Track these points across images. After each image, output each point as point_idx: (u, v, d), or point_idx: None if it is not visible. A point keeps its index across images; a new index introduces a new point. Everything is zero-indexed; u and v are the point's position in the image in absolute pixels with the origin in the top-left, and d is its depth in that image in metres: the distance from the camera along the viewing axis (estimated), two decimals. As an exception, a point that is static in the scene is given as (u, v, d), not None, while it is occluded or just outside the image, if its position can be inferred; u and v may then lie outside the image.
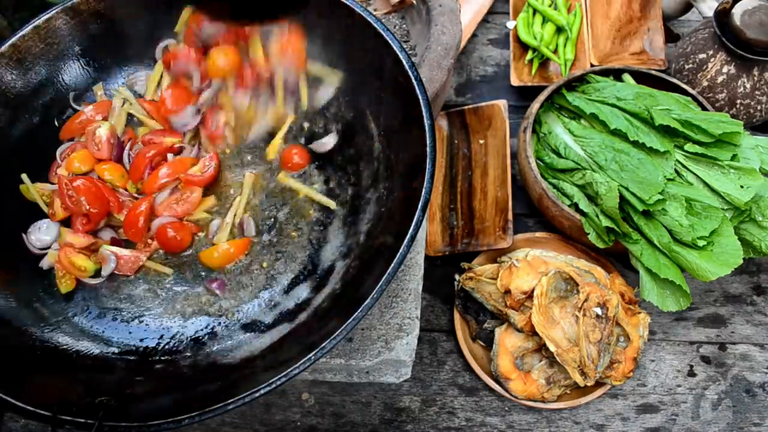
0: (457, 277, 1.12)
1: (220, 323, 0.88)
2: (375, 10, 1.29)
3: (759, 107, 1.19)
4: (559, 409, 1.05)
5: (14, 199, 0.92)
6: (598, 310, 0.99)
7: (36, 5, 1.07)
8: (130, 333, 0.87)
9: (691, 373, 1.11)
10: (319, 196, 0.94)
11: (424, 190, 0.76)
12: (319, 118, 0.99)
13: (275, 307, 0.89)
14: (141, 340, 0.86)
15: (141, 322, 0.89)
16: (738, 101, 1.18)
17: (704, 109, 1.13)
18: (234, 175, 0.97)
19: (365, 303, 0.70)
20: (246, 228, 0.93)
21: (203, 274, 0.91)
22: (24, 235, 0.90)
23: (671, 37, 1.47)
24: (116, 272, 0.90)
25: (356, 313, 0.69)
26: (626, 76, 1.20)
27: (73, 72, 0.99)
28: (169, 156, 0.95)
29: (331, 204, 0.93)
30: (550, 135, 1.16)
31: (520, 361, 1.04)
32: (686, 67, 1.23)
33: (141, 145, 0.96)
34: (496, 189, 1.19)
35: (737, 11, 1.13)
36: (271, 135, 0.98)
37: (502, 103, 1.27)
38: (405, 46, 1.18)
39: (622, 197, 1.01)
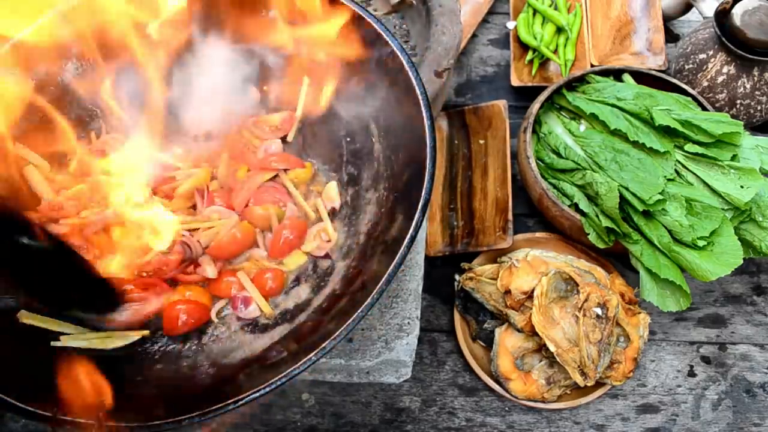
0: (457, 277, 1.12)
1: (220, 324, 0.88)
2: (375, 10, 1.29)
3: (759, 107, 1.19)
4: (559, 409, 1.05)
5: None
6: (598, 311, 0.99)
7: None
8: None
9: (691, 373, 1.11)
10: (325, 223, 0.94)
11: (424, 190, 0.76)
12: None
13: (275, 307, 0.89)
14: (142, 340, 0.86)
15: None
16: (738, 101, 1.18)
17: (704, 109, 1.13)
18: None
19: (365, 303, 0.70)
20: None
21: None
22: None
23: (671, 37, 1.47)
24: None
25: (356, 314, 0.69)
26: (626, 76, 1.20)
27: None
28: None
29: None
30: (550, 135, 1.16)
31: (520, 361, 1.04)
32: (686, 67, 1.23)
33: None
34: (496, 189, 1.19)
35: (737, 11, 1.13)
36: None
37: (502, 104, 1.27)
38: (405, 46, 1.18)
39: (622, 197, 1.01)
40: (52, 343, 0.81)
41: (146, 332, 0.86)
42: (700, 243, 0.96)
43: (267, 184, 0.97)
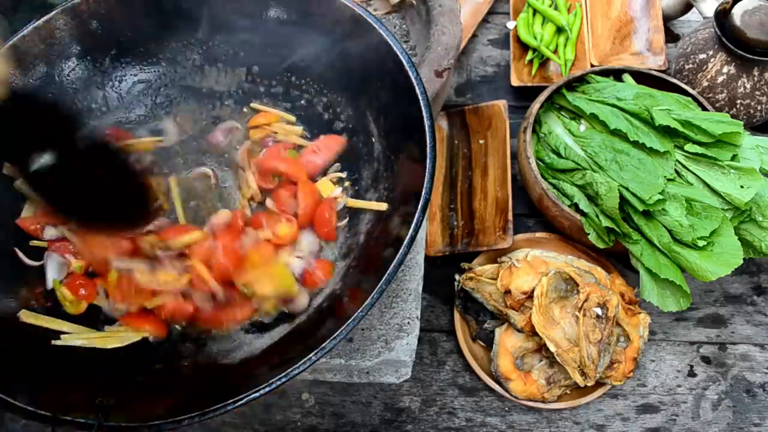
0: (457, 277, 1.12)
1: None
2: (375, 10, 1.29)
3: (759, 107, 1.19)
4: (560, 409, 1.05)
5: (11, 197, 0.92)
6: (598, 310, 0.99)
7: (36, 6, 1.07)
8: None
9: (692, 373, 1.11)
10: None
11: (424, 190, 0.76)
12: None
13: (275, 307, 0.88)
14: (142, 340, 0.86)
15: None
16: (738, 101, 1.18)
17: (704, 109, 1.13)
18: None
19: (365, 303, 0.70)
20: None
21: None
22: (17, 249, 0.90)
23: (671, 37, 1.47)
24: None
25: (356, 313, 0.69)
26: (626, 76, 1.20)
27: (73, 72, 0.99)
28: None
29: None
30: (550, 135, 1.16)
31: (520, 361, 1.04)
32: (686, 67, 1.23)
33: None
34: (496, 189, 1.19)
35: (737, 11, 1.13)
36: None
37: (502, 103, 1.27)
38: (405, 46, 1.18)
39: (622, 197, 1.01)
40: (53, 342, 0.82)
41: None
42: (700, 243, 0.96)
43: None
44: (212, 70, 1.04)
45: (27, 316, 0.83)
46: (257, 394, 0.67)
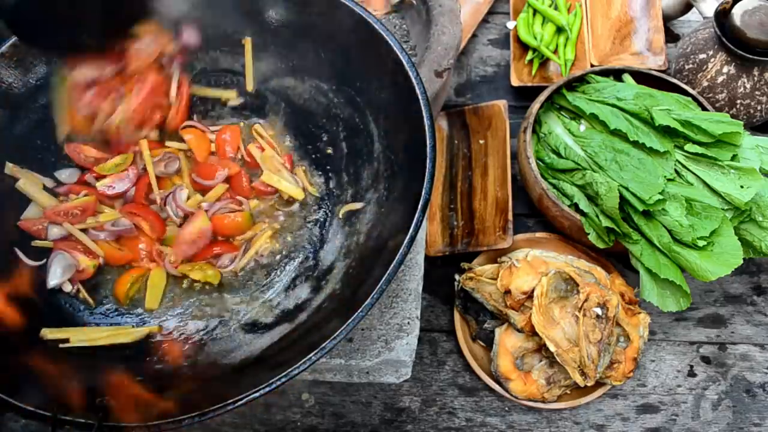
0: (457, 277, 1.12)
1: (220, 324, 0.88)
2: (375, 10, 1.29)
3: (759, 107, 1.19)
4: (560, 409, 1.05)
5: (11, 197, 0.92)
6: (598, 310, 0.99)
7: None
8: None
9: (691, 373, 1.11)
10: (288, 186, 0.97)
11: (424, 190, 0.76)
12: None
13: (275, 307, 0.89)
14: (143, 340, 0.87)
15: (142, 321, 0.89)
16: (738, 101, 1.18)
17: (704, 109, 1.13)
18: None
19: (365, 303, 0.70)
20: None
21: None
22: (17, 249, 0.90)
23: (671, 37, 1.47)
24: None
25: (356, 314, 0.69)
26: (626, 76, 1.20)
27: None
28: None
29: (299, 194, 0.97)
30: (550, 135, 1.16)
31: (520, 361, 1.04)
32: (686, 67, 1.23)
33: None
34: (496, 189, 1.19)
35: (737, 11, 1.13)
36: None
37: (502, 104, 1.27)
38: (405, 46, 1.18)
39: (622, 197, 1.01)
40: (61, 346, 0.82)
41: (156, 328, 0.87)
42: (700, 243, 0.96)
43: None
44: (212, 74, 1.04)
45: (51, 333, 0.83)
46: (257, 394, 0.67)
